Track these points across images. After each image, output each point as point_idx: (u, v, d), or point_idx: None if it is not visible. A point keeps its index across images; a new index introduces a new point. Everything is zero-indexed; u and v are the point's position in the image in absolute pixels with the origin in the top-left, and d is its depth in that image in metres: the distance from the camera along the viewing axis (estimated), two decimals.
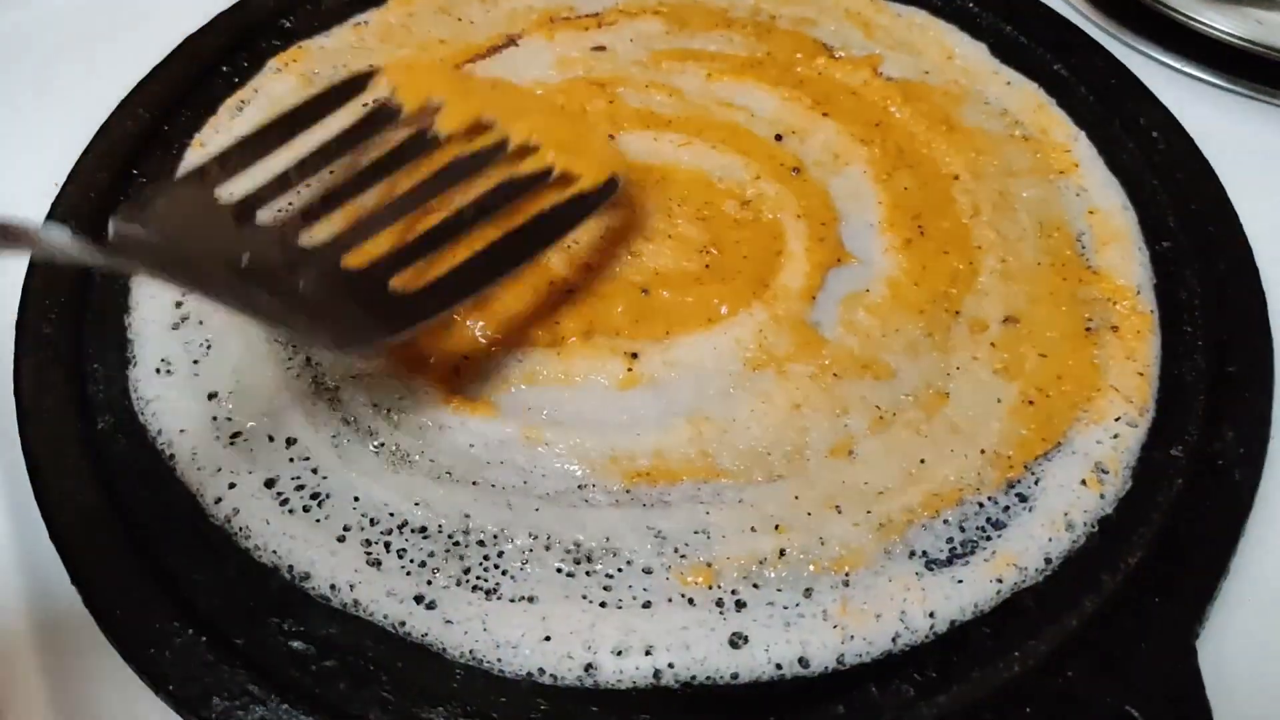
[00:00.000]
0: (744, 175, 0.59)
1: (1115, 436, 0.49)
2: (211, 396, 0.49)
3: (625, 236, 0.56)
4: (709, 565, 0.44)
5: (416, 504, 0.46)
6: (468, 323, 0.52)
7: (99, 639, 0.42)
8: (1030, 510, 0.47)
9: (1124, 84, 0.65)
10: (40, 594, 0.46)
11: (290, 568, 0.44)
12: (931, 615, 0.44)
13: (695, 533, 0.45)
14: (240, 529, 0.45)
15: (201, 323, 0.52)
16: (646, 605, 0.43)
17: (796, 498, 0.47)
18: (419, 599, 0.43)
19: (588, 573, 0.44)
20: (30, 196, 0.57)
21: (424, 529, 0.45)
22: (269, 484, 0.47)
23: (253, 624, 0.43)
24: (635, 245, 0.55)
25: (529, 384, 0.50)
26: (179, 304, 0.52)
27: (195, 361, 0.50)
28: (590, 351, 0.51)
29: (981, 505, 0.47)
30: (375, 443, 0.48)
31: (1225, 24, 0.68)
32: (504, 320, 0.52)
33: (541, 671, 0.42)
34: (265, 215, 0.47)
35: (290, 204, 0.48)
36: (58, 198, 0.56)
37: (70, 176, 0.57)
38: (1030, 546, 0.46)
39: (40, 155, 0.59)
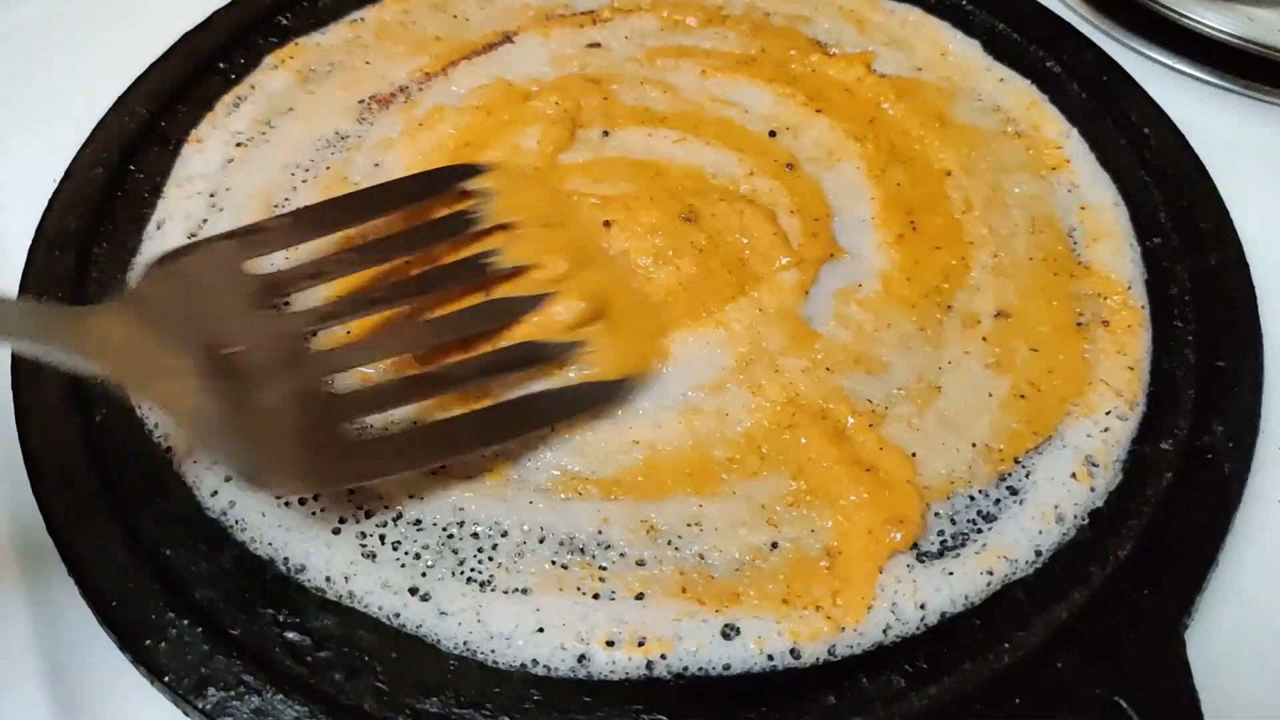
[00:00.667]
0: (738, 171, 0.59)
1: (1105, 430, 0.50)
2: None
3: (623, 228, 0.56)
4: (701, 557, 0.45)
5: (411, 497, 0.46)
6: None
7: (96, 629, 0.43)
8: (1021, 503, 0.47)
9: (1115, 80, 0.66)
10: (37, 585, 0.46)
11: (286, 559, 0.45)
12: (922, 607, 0.44)
13: (688, 525, 0.46)
14: (236, 521, 0.46)
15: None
16: (639, 597, 0.44)
17: (788, 491, 0.47)
18: (413, 591, 0.44)
19: (581, 565, 0.45)
20: (27, 193, 0.57)
21: (418, 521, 0.46)
22: None
23: (249, 615, 0.43)
24: (628, 241, 0.55)
25: (521, 378, 0.50)
26: None
27: None
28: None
29: (972, 498, 0.48)
30: (370, 436, 0.48)
31: (1217, 21, 0.68)
32: None
33: (535, 663, 0.42)
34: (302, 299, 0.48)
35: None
36: (54, 194, 0.56)
37: (67, 173, 0.57)
38: (1021, 539, 0.46)
39: (37, 152, 0.60)
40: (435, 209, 0.54)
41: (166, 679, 0.41)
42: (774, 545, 0.45)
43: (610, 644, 0.42)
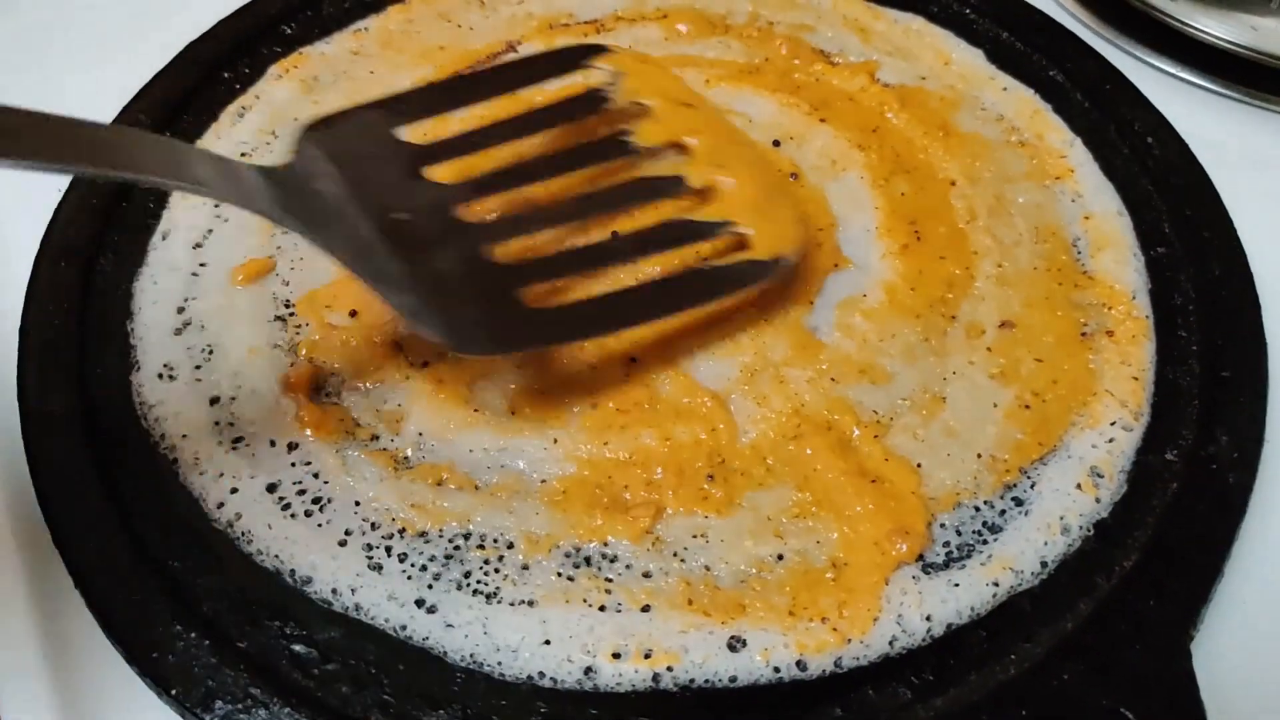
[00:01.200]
0: None
1: (1110, 441, 0.50)
2: (214, 401, 0.50)
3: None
4: (707, 569, 0.45)
5: (417, 509, 0.46)
6: None
7: (103, 642, 0.43)
8: (1026, 514, 0.47)
9: (1119, 89, 0.66)
10: (44, 598, 0.46)
11: (292, 571, 0.45)
12: (928, 618, 0.44)
13: (694, 536, 0.46)
14: (242, 533, 0.46)
15: (204, 328, 0.52)
16: (645, 609, 0.44)
17: (794, 502, 0.47)
18: (420, 603, 0.44)
19: (587, 577, 0.45)
20: (33, 204, 0.57)
21: (425, 533, 0.46)
22: (271, 488, 0.47)
23: (255, 627, 0.43)
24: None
25: (528, 389, 0.50)
26: (181, 309, 0.53)
27: (197, 367, 0.51)
28: (588, 356, 0.51)
29: (978, 509, 0.48)
30: (376, 448, 0.48)
31: (1220, 29, 0.68)
32: None
33: (541, 675, 0.42)
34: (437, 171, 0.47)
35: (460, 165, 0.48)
36: (59, 205, 0.56)
37: (72, 184, 0.57)
38: (1026, 550, 0.46)
39: None
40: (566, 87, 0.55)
41: (173, 692, 0.41)
42: (780, 557, 0.45)
43: (617, 656, 0.42)
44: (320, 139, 0.46)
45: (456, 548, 0.45)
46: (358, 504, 0.46)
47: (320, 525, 0.46)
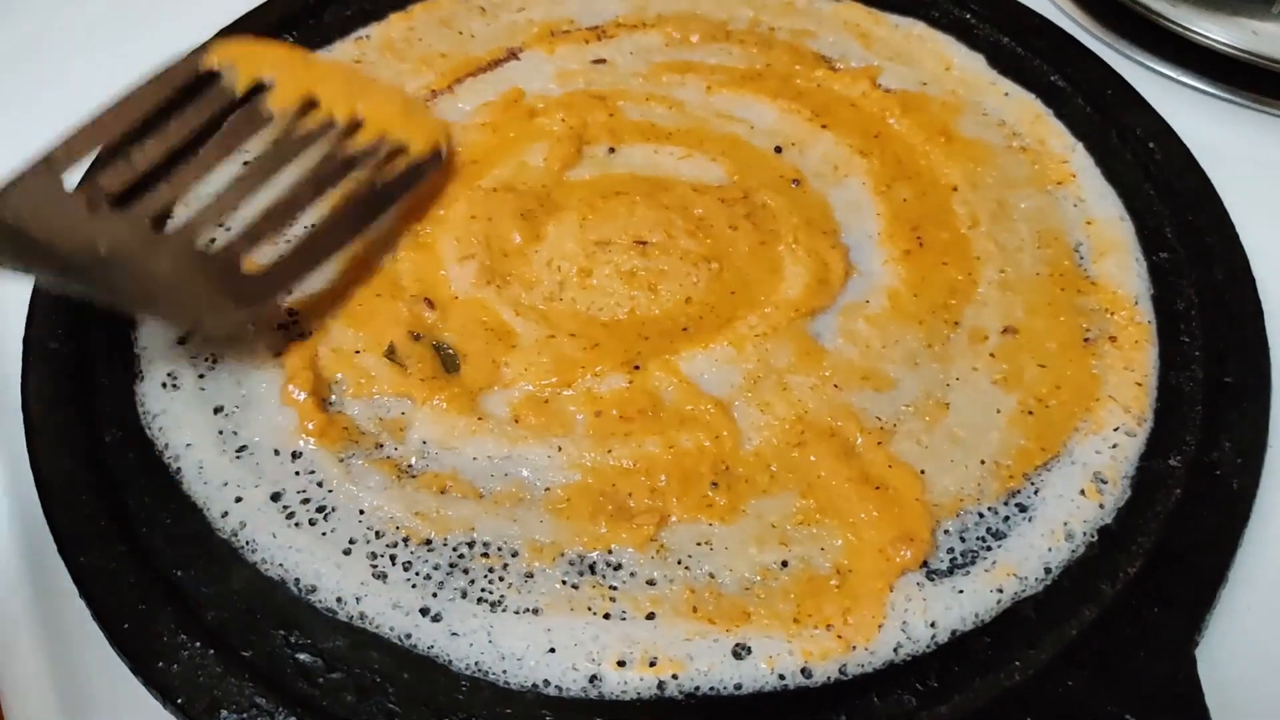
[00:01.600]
0: (744, 187, 0.59)
1: (1114, 446, 0.50)
2: (217, 410, 0.50)
3: (628, 247, 0.56)
4: (711, 576, 0.45)
5: (421, 517, 0.46)
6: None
7: (108, 652, 0.43)
8: (1030, 520, 0.47)
9: (1120, 94, 0.66)
10: (49, 607, 0.46)
11: (297, 580, 0.45)
12: (933, 625, 0.44)
13: (698, 544, 0.46)
14: (247, 542, 0.46)
15: (208, 338, 0.52)
16: (650, 616, 0.44)
17: (798, 509, 0.47)
18: (424, 611, 0.44)
19: (591, 585, 0.45)
20: None
21: (429, 542, 0.46)
22: (275, 497, 0.47)
23: (260, 636, 0.43)
24: (635, 258, 0.55)
25: (531, 398, 0.50)
26: None
27: (201, 376, 0.51)
28: (592, 365, 0.51)
29: (982, 515, 0.48)
30: (380, 456, 0.48)
31: (1221, 34, 0.68)
32: (501, 333, 0.53)
33: (546, 683, 0.42)
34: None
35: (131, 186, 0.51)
36: None
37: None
38: (1030, 556, 0.46)
39: None
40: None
41: (179, 701, 0.41)
42: (784, 564, 0.45)
43: (622, 664, 0.42)
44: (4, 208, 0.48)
45: (461, 556, 0.45)
46: (362, 512, 0.47)
47: (324, 534, 0.46)
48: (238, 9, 0.68)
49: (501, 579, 0.45)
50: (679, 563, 0.45)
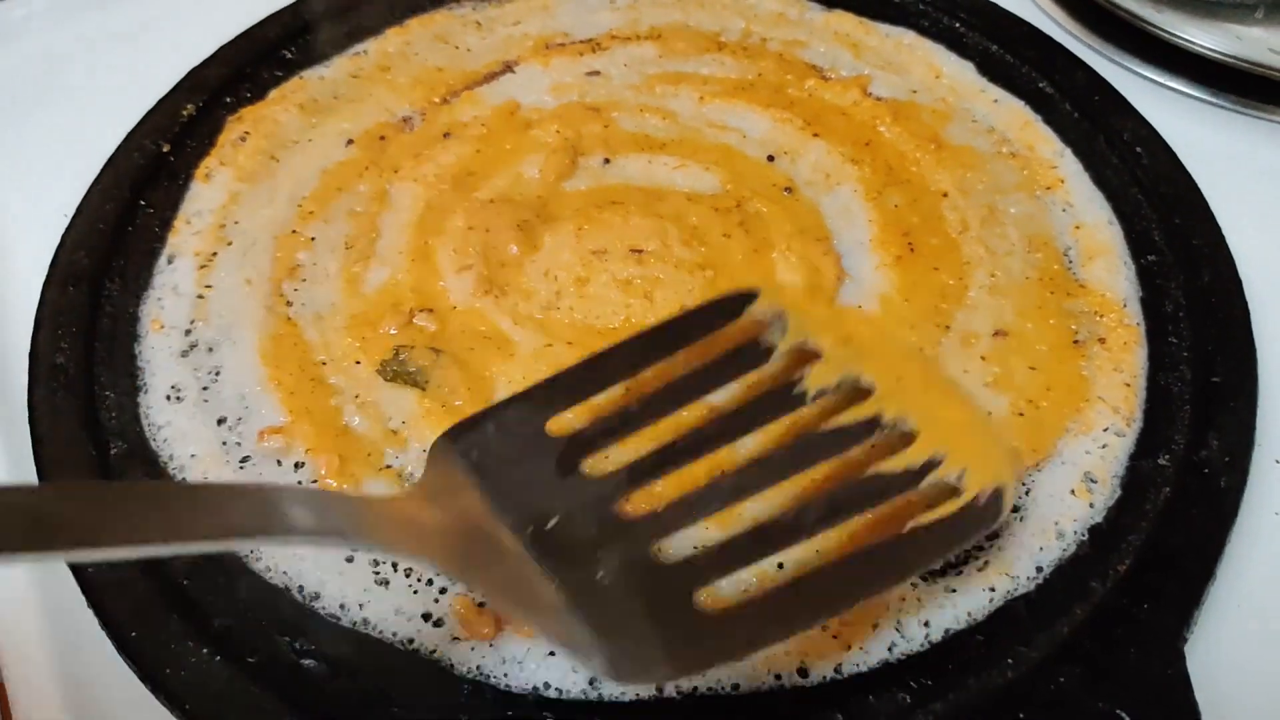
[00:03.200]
0: (737, 196, 0.60)
1: (1104, 446, 0.50)
2: (221, 421, 0.50)
3: (625, 257, 0.57)
4: None
5: None
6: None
7: (116, 660, 0.43)
8: (1021, 520, 0.48)
9: (1108, 100, 0.67)
10: (57, 616, 0.47)
11: (300, 588, 0.45)
12: (926, 624, 0.45)
13: (695, 546, 0.46)
14: (251, 550, 0.46)
15: (210, 350, 0.53)
16: None
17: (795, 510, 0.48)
18: (426, 616, 0.44)
19: None
20: (40, 228, 0.58)
21: None
22: None
23: (265, 643, 0.44)
24: (631, 267, 0.56)
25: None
26: (188, 331, 0.54)
27: (204, 388, 0.52)
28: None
29: None
30: (382, 464, 0.49)
31: (1206, 40, 0.69)
32: (499, 342, 0.53)
33: (547, 685, 0.43)
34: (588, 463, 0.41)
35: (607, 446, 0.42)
36: (67, 230, 0.57)
37: (79, 209, 0.58)
38: (1022, 555, 0.47)
39: (49, 187, 0.61)
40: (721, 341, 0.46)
41: (186, 707, 0.42)
42: (780, 565, 0.46)
43: None
44: (462, 445, 0.41)
45: None
46: None
47: None
48: (235, 27, 0.69)
49: None
50: None
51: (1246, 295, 0.56)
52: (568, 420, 0.42)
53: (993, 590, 0.46)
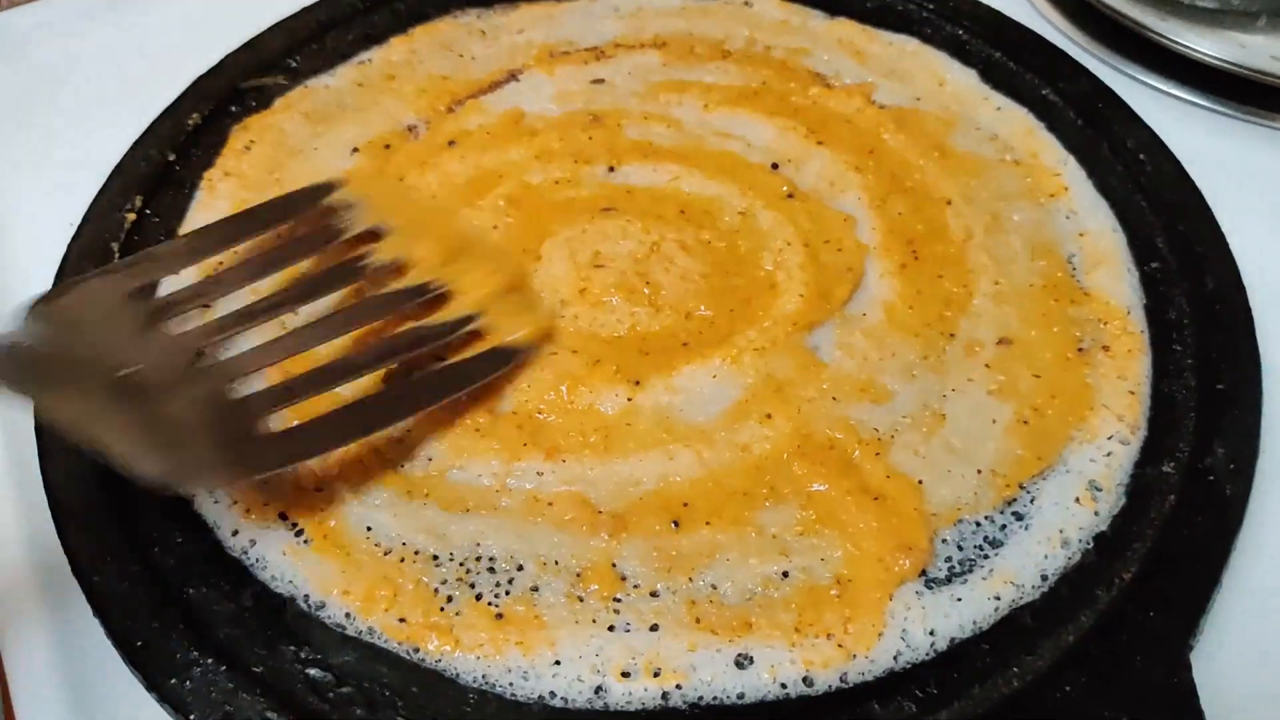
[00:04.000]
0: (741, 204, 0.60)
1: (1108, 454, 0.50)
2: None
3: (625, 265, 0.57)
4: (714, 588, 0.46)
5: (428, 534, 0.47)
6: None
7: (122, 669, 0.43)
8: (1027, 528, 0.48)
9: (1111, 107, 0.67)
10: (64, 626, 0.47)
11: (306, 596, 0.45)
12: (932, 633, 0.45)
13: (701, 555, 0.47)
14: (257, 559, 0.47)
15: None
16: (654, 628, 0.44)
17: (798, 520, 0.48)
18: (432, 625, 0.44)
19: (596, 597, 0.45)
20: (47, 237, 0.58)
21: (436, 557, 0.47)
22: (283, 515, 0.48)
23: (271, 652, 0.44)
24: (635, 275, 0.56)
25: (534, 415, 0.51)
26: None
27: None
28: (593, 381, 0.52)
29: (979, 524, 0.48)
30: (388, 475, 0.49)
31: (1209, 47, 0.69)
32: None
33: (553, 695, 0.43)
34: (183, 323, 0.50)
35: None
36: (73, 238, 0.58)
37: (85, 217, 0.59)
38: (1027, 564, 0.47)
39: (56, 197, 0.61)
40: (303, 226, 0.56)
41: (191, 717, 0.42)
42: (785, 574, 0.46)
43: (626, 675, 0.43)
44: (57, 307, 0.48)
45: (468, 570, 0.46)
46: (369, 529, 0.47)
47: (334, 550, 0.46)
48: (241, 36, 0.69)
49: (508, 593, 0.46)
50: (682, 574, 0.46)
51: (1250, 302, 0.56)
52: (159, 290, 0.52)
53: (998, 599, 0.46)
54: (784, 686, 0.43)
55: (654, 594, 0.46)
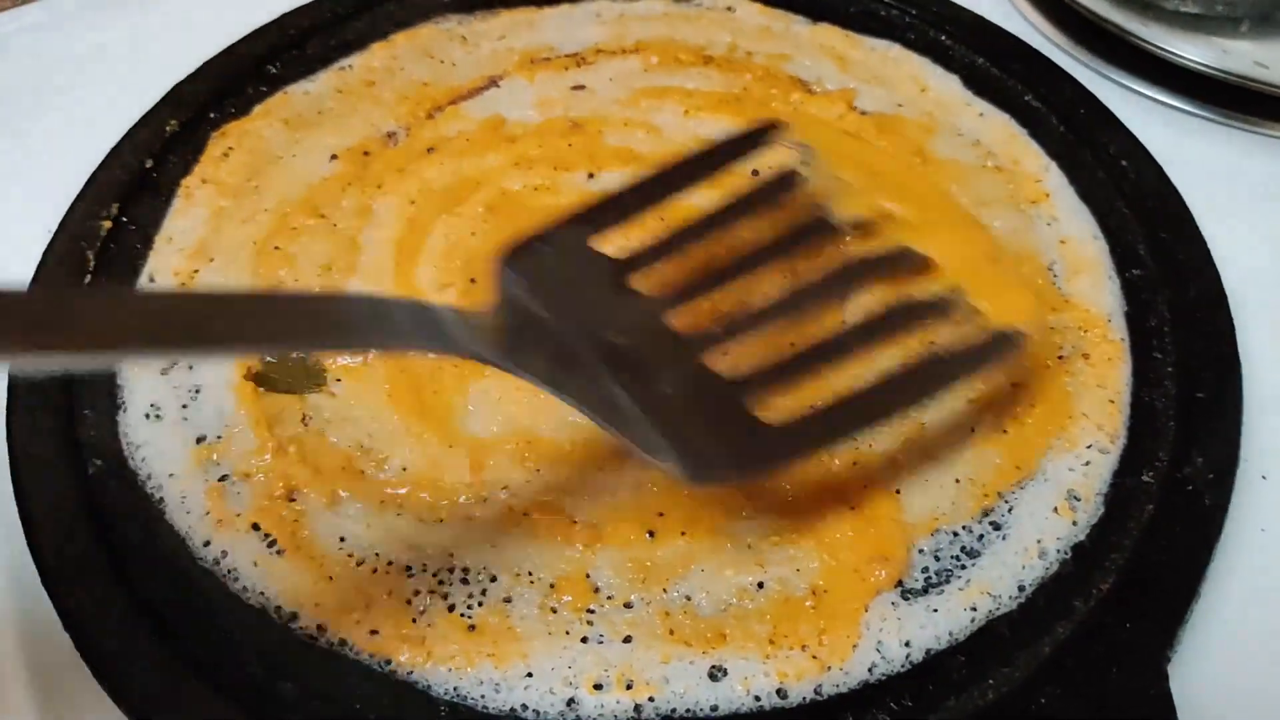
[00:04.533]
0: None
1: (1087, 464, 0.50)
2: (200, 440, 0.50)
3: None
4: (688, 599, 0.45)
5: (401, 544, 0.47)
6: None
7: (91, 682, 0.43)
8: (1004, 538, 0.48)
9: (1094, 113, 0.66)
10: (32, 637, 0.47)
11: (278, 609, 0.45)
12: (907, 644, 0.44)
13: (675, 566, 0.46)
14: (229, 571, 0.46)
15: (190, 368, 0.53)
16: (627, 640, 0.44)
17: (773, 530, 0.47)
18: (404, 637, 0.44)
19: (569, 608, 0.45)
20: (22, 244, 0.58)
21: (409, 568, 0.46)
22: (255, 526, 0.47)
23: (242, 665, 0.43)
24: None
25: (511, 425, 0.51)
26: None
27: (184, 406, 0.51)
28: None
29: (956, 534, 0.48)
30: (361, 483, 0.49)
31: (1192, 52, 0.69)
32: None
33: (525, 708, 0.43)
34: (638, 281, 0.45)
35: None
36: (49, 246, 0.57)
37: (61, 224, 0.58)
38: (1004, 574, 0.47)
39: (31, 203, 0.60)
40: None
41: None
42: (760, 585, 0.46)
43: (599, 687, 0.43)
44: (520, 266, 0.44)
45: (440, 581, 0.46)
46: (342, 539, 0.47)
47: (305, 562, 0.46)
48: (222, 41, 0.69)
49: (480, 604, 0.45)
50: (656, 585, 0.46)
51: (1231, 310, 0.56)
52: (614, 241, 0.46)
53: (974, 610, 0.45)
54: (758, 699, 0.43)
55: (628, 605, 0.45)
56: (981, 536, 0.48)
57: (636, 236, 0.48)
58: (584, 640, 0.44)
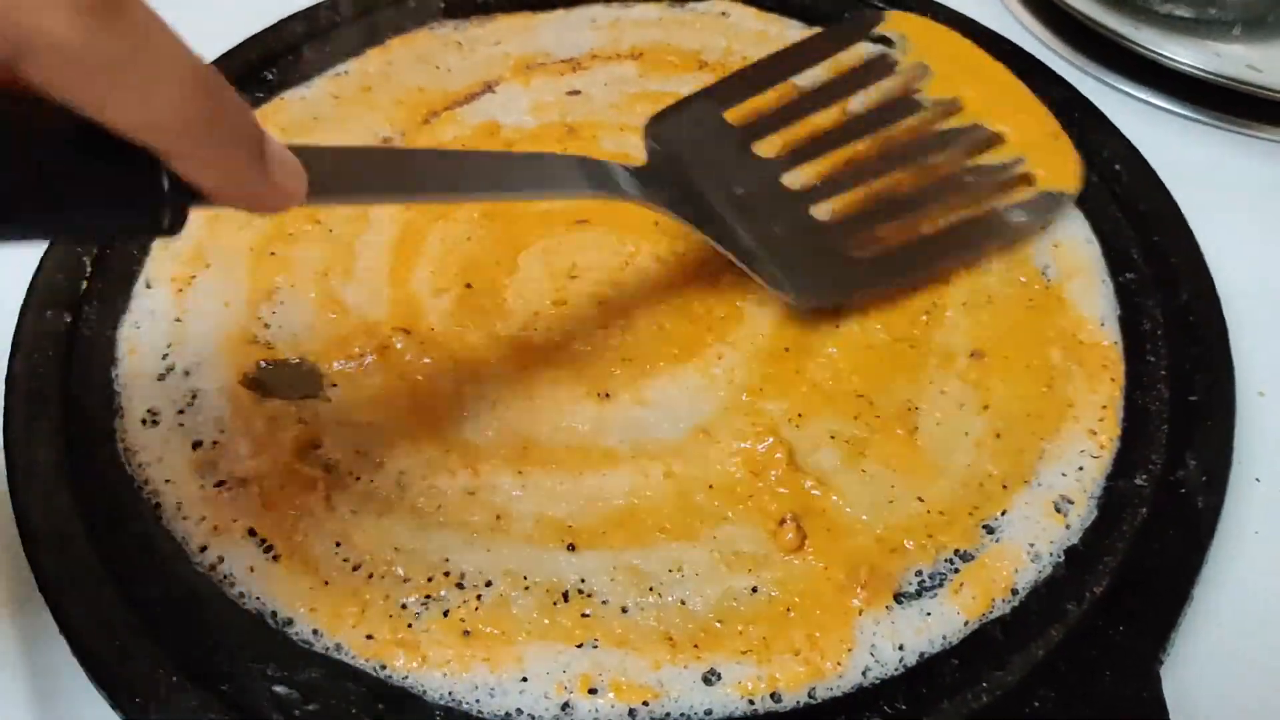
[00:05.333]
0: None
1: (1080, 468, 0.50)
2: (196, 446, 0.50)
3: (600, 276, 0.57)
4: (682, 603, 0.45)
5: (396, 549, 0.47)
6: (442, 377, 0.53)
7: (87, 687, 0.43)
8: (997, 541, 0.48)
9: (1086, 116, 0.66)
10: (30, 644, 0.47)
11: (274, 613, 0.45)
12: (901, 648, 0.45)
13: (669, 571, 0.46)
14: (225, 576, 0.46)
15: (187, 374, 0.53)
16: (622, 644, 0.44)
17: (768, 534, 0.48)
18: (399, 642, 0.44)
19: (564, 613, 0.45)
20: (18, 252, 0.58)
21: (404, 572, 0.46)
22: (252, 531, 0.48)
23: (238, 670, 0.44)
24: (608, 289, 0.56)
25: (502, 428, 0.51)
26: (164, 355, 0.54)
27: (180, 411, 0.51)
28: (562, 392, 0.52)
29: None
30: (357, 488, 0.49)
31: (1185, 56, 0.69)
32: (476, 364, 0.53)
33: (519, 712, 0.43)
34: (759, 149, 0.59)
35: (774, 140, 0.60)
36: (45, 252, 0.57)
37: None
38: (997, 578, 0.47)
39: None
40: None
41: None
42: (754, 590, 0.46)
43: (593, 692, 0.43)
44: (664, 131, 0.58)
45: (436, 586, 0.46)
46: (338, 544, 0.47)
47: (302, 566, 0.46)
48: (217, 48, 0.69)
49: (476, 609, 0.45)
50: (650, 590, 0.46)
51: (1224, 313, 0.56)
52: (739, 112, 0.61)
53: (967, 613, 0.46)
54: (752, 703, 0.43)
55: (623, 610, 0.45)
56: (974, 540, 0.48)
57: (756, 110, 0.62)
58: (579, 645, 0.44)
